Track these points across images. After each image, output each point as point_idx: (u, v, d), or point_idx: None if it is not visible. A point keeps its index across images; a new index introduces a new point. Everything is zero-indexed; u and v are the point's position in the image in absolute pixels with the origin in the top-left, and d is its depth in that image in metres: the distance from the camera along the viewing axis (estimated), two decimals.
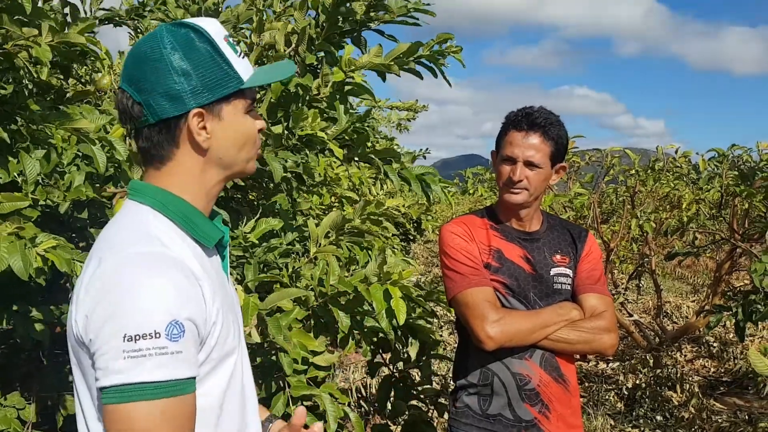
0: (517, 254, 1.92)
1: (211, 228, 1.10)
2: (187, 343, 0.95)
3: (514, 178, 1.86)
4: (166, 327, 0.93)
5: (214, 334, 1.03)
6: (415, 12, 2.14)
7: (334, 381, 4.83)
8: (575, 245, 1.99)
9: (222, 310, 1.05)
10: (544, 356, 1.87)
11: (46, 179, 1.84)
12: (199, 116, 1.05)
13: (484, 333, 1.78)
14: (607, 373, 5.74)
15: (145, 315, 0.92)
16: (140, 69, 1.04)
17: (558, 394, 1.88)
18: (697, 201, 5.84)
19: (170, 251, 1.00)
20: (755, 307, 3.00)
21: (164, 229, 1.04)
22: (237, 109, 1.08)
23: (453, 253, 1.89)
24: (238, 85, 1.07)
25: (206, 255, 1.09)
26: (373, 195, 4.79)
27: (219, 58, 1.05)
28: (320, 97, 1.99)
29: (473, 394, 1.91)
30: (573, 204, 5.91)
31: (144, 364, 0.92)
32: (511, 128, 1.89)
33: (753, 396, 5.12)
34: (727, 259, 5.64)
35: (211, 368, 1.04)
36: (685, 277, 10.47)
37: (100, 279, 0.97)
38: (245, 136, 1.10)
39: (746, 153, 4.88)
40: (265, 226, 2.00)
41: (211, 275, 1.06)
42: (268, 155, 1.90)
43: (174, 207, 1.06)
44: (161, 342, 0.92)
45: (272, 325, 1.62)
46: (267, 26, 2.03)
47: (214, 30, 1.07)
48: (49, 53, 1.73)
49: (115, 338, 0.92)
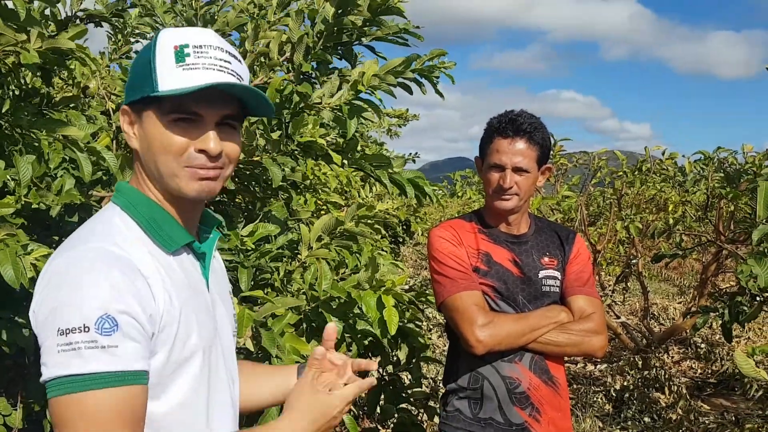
0: (506, 257, 1.93)
1: (177, 233, 1.09)
2: (124, 337, 0.95)
3: (505, 185, 1.87)
4: (96, 321, 0.94)
5: (170, 334, 1.02)
6: (405, 33, 2.16)
7: None
8: (563, 247, 1.99)
9: (183, 311, 1.04)
10: (534, 359, 1.88)
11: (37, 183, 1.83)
12: (124, 113, 1.09)
13: (474, 337, 1.79)
14: (595, 375, 5.77)
15: (75, 309, 0.94)
16: None
17: (548, 396, 1.89)
18: (683, 203, 5.89)
19: (117, 249, 1.00)
20: (741, 309, 3.03)
21: (124, 228, 1.06)
22: (152, 117, 1.05)
23: (441, 257, 1.90)
24: (149, 92, 1.03)
25: (172, 257, 1.08)
26: (362, 198, 4.79)
27: (151, 63, 1.04)
28: (322, 107, 1.99)
29: (464, 398, 1.92)
30: (561, 206, 5.95)
31: (76, 357, 0.93)
32: (497, 135, 1.89)
33: (740, 397, 5.17)
34: (713, 260, 5.69)
35: (171, 372, 1.03)
36: (672, 279, 10.55)
37: (47, 275, 0.99)
38: (160, 146, 1.04)
39: (731, 155, 4.93)
40: (262, 231, 1.99)
41: (173, 275, 1.06)
42: (266, 160, 1.90)
43: (142, 208, 1.08)
44: (91, 335, 0.93)
45: (266, 338, 1.62)
46: (261, 35, 2.03)
47: (171, 37, 1.05)
48: (37, 59, 1.72)
49: (51, 332, 0.94)
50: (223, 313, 1.20)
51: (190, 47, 1.05)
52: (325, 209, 3.60)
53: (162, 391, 1.03)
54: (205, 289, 1.14)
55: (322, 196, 3.55)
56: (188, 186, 1.07)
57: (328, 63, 2.15)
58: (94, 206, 2.05)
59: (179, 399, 1.05)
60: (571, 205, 5.95)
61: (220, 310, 1.18)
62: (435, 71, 2.12)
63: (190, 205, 1.12)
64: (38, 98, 2.11)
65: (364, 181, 5.02)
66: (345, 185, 4.51)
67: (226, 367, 1.16)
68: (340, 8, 2.03)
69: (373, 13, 2.03)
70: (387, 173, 2.24)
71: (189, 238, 1.11)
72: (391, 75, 2.02)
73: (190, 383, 1.06)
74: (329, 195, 3.68)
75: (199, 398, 1.08)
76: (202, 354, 1.08)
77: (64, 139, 1.78)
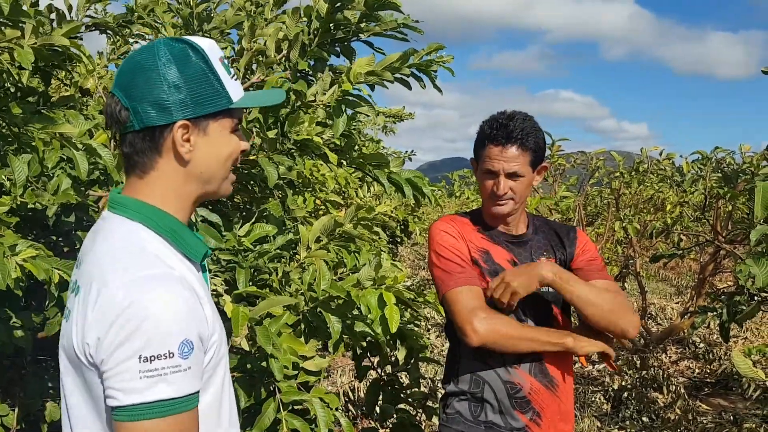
0: (504, 258, 1.92)
1: (198, 242, 1.13)
2: (196, 358, 1.01)
3: (498, 192, 1.86)
4: (179, 346, 0.98)
5: (213, 345, 1.08)
6: (403, 28, 2.15)
7: (322, 385, 4.81)
8: (564, 246, 1.98)
9: (218, 321, 1.10)
10: (534, 363, 1.87)
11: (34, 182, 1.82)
12: (184, 128, 1.08)
13: (471, 326, 1.76)
14: (593, 374, 5.77)
15: (160, 336, 0.97)
16: (133, 77, 1.08)
17: (549, 401, 1.88)
18: (681, 203, 5.90)
19: (174, 271, 1.04)
20: (739, 308, 3.03)
21: (159, 246, 1.07)
22: (223, 126, 1.12)
23: (443, 251, 1.88)
24: (227, 104, 1.11)
25: (195, 268, 1.13)
26: (360, 198, 4.78)
27: (212, 75, 1.09)
28: (316, 104, 1.98)
29: (464, 400, 1.91)
30: (559, 206, 5.95)
31: (160, 383, 0.97)
32: (488, 142, 1.87)
33: (738, 397, 5.17)
34: (710, 260, 5.70)
35: (209, 377, 1.09)
36: (670, 279, 10.56)
37: (111, 301, 0.99)
38: (227, 153, 1.13)
39: (729, 155, 4.93)
40: (259, 231, 1.98)
41: (203, 287, 1.11)
42: (262, 159, 1.89)
43: (163, 222, 1.09)
44: (175, 361, 0.98)
45: (261, 335, 1.61)
46: (258, 32, 2.02)
47: (210, 49, 1.11)
48: (32, 56, 1.71)
49: (131, 359, 0.96)
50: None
51: (224, 58, 1.14)
52: (324, 209, 3.59)
53: (204, 393, 1.08)
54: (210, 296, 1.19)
55: (320, 195, 3.55)
56: (229, 188, 1.17)
57: (325, 60, 2.14)
58: (90, 206, 2.05)
59: (209, 400, 1.11)
60: (569, 205, 5.95)
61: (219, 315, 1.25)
62: (433, 66, 2.11)
63: (190, 215, 1.17)
64: (36, 97, 2.10)
65: (362, 181, 5.02)
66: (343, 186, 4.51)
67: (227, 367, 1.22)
68: (335, 4, 2.02)
69: (369, 8, 2.02)
70: (385, 173, 2.24)
71: (206, 247, 1.15)
72: (388, 71, 2.01)
73: (219, 384, 1.13)
74: (327, 194, 3.67)
75: (223, 398, 1.15)
76: (224, 358, 1.15)
77: (60, 137, 1.77)
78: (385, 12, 2.11)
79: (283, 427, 1.73)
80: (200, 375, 1.04)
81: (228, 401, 1.18)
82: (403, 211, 6.77)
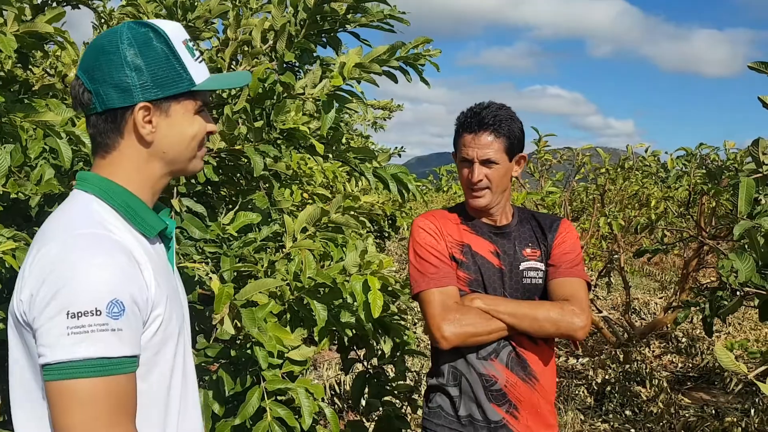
0: (487, 249, 1.92)
1: (154, 219, 1.14)
2: (128, 321, 0.99)
3: (473, 179, 1.87)
4: (107, 305, 0.97)
5: (157, 318, 1.07)
6: (390, 19, 2.15)
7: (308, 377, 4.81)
8: (546, 237, 1.97)
9: (168, 295, 1.10)
10: (510, 356, 1.87)
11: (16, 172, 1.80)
12: (146, 110, 1.11)
13: (439, 333, 1.79)
14: (577, 368, 5.82)
15: (87, 293, 0.96)
16: (96, 59, 1.10)
17: (526, 394, 1.88)
18: (665, 199, 5.95)
19: (113, 235, 1.05)
20: (722, 303, 3.06)
21: (108, 217, 1.09)
22: (186, 108, 1.14)
23: (420, 250, 1.90)
24: (189, 87, 1.13)
25: (149, 244, 1.13)
26: (347, 192, 4.77)
27: (173, 58, 1.12)
28: (306, 97, 1.98)
29: (445, 395, 1.92)
30: (545, 202, 5.97)
31: (86, 340, 0.95)
32: (463, 131, 1.90)
33: (719, 391, 5.24)
34: (694, 256, 5.75)
35: (154, 353, 1.08)
36: (653, 274, 10.65)
37: (45, 258, 1.00)
38: (190, 134, 1.15)
39: (713, 152, 4.97)
40: (243, 219, 1.98)
41: (155, 261, 1.11)
42: (248, 149, 1.88)
43: (117, 197, 1.11)
44: (102, 319, 0.96)
45: (246, 317, 1.61)
46: (243, 22, 2.01)
47: (173, 33, 1.13)
48: (14, 43, 1.69)
49: (59, 315, 0.96)
50: (185, 298, 1.26)
51: (188, 41, 1.16)
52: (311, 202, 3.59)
53: (149, 371, 1.07)
54: (172, 274, 1.20)
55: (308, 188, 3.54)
56: (198, 165, 1.20)
57: (312, 52, 2.13)
58: None
59: (153, 383, 1.09)
60: (555, 200, 5.97)
61: (183, 294, 1.25)
62: (420, 59, 2.11)
63: (158, 193, 1.19)
64: (17, 85, 2.07)
65: (350, 175, 5.01)
66: (331, 180, 4.49)
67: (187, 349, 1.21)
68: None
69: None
70: (370, 167, 2.23)
71: (163, 224, 1.16)
72: (375, 63, 2.01)
73: (168, 369, 1.11)
74: (315, 188, 3.66)
75: (172, 386, 1.13)
76: (177, 337, 1.14)
77: (43, 126, 1.75)
78: (372, 3, 2.11)
79: (268, 416, 1.72)
80: (136, 342, 1.02)
81: (180, 393, 1.15)
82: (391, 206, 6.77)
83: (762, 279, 2.40)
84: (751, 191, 2.23)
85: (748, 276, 2.45)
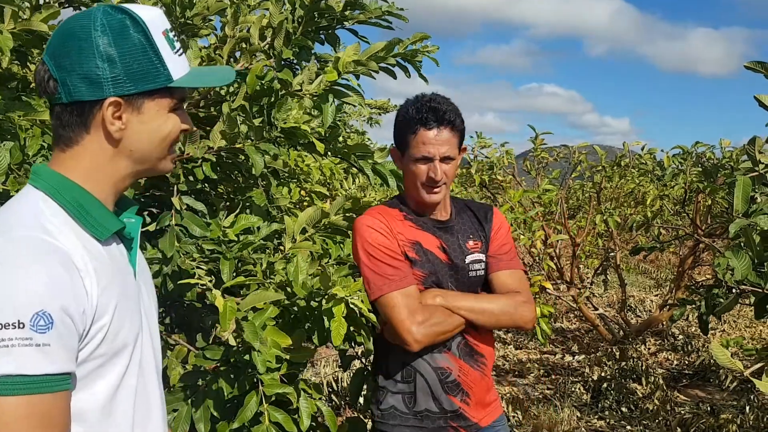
0: (435, 244, 1.92)
1: (108, 219, 1.04)
2: (58, 335, 0.90)
3: (436, 177, 1.83)
4: (32, 317, 0.88)
5: (101, 329, 0.97)
6: (388, 15, 2.15)
7: (305, 375, 4.81)
8: (483, 227, 1.99)
9: (117, 304, 1.00)
10: (460, 345, 1.90)
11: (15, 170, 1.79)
12: (116, 105, 1.01)
13: (411, 336, 1.78)
14: (573, 365, 5.83)
15: (10, 303, 0.87)
16: (65, 45, 1.00)
17: (476, 379, 1.92)
18: (661, 197, 5.96)
19: (49, 238, 0.95)
20: (718, 301, 3.07)
21: (51, 215, 0.99)
22: (160, 105, 1.05)
23: (373, 250, 1.84)
24: (165, 82, 1.04)
25: (102, 245, 1.03)
26: (345, 189, 4.77)
27: (151, 50, 1.02)
28: (302, 93, 1.97)
29: (397, 393, 1.91)
30: (541, 200, 5.99)
31: (7, 355, 0.86)
32: (421, 127, 1.82)
33: (715, 388, 5.26)
34: (690, 254, 5.77)
35: (98, 365, 0.98)
36: (649, 272, 10.69)
37: None
38: (163, 134, 1.06)
39: (709, 150, 4.99)
40: (244, 222, 1.97)
41: (105, 266, 1.01)
42: (248, 147, 1.87)
43: (68, 194, 1.01)
44: (25, 332, 0.87)
45: (249, 331, 1.60)
46: (241, 19, 2.00)
47: (153, 21, 1.03)
48: (11, 41, 1.68)
49: None
50: (149, 302, 1.16)
51: (169, 31, 1.06)
52: (309, 200, 3.58)
53: (92, 383, 0.98)
54: (132, 278, 1.10)
55: (305, 186, 3.53)
56: (168, 166, 1.10)
57: (310, 49, 2.13)
58: None
59: (108, 392, 1.00)
60: (551, 198, 5.98)
61: (146, 298, 1.15)
62: (418, 56, 2.11)
63: (120, 192, 1.09)
64: (15, 83, 2.06)
65: (347, 172, 5.01)
66: (328, 177, 4.49)
67: (154, 357, 1.13)
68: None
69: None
70: (369, 163, 2.23)
71: (119, 225, 1.06)
72: (373, 60, 2.01)
73: (120, 376, 1.02)
74: (312, 185, 3.66)
75: (117, 401, 1.03)
76: (132, 346, 1.04)
77: (42, 124, 1.74)
78: (370, 0, 2.11)
79: (265, 420, 1.73)
80: (68, 357, 0.92)
81: (134, 404, 1.05)
82: None
83: (758, 277, 2.41)
84: (748, 189, 2.24)
85: (744, 274, 2.46)
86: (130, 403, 1.04)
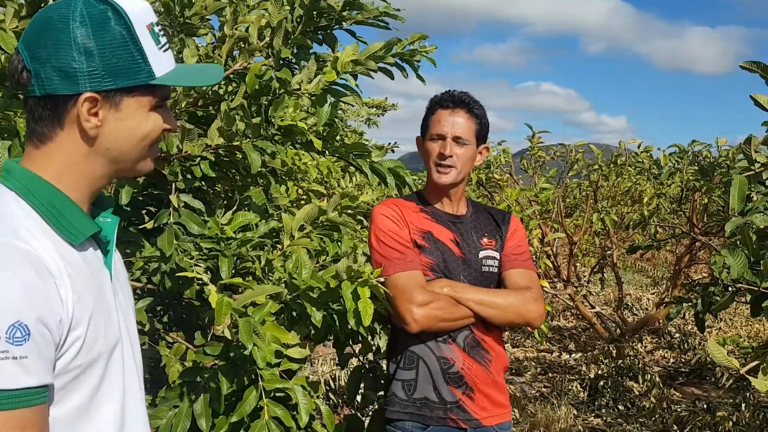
0: (447, 237, 1.96)
1: (83, 222, 0.98)
2: (35, 347, 0.85)
3: (445, 152, 1.91)
4: (8, 329, 0.83)
5: (77, 339, 0.92)
6: (385, 16, 2.17)
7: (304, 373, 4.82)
8: (500, 228, 2.04)
9: (92, 313, 0.95)
10: (467, 339, 1.91)
11: None
12: (92, 101, 0.95)
13: (410, 316, 1.82)
14: (570, 363, 5.85)
15: None
16: (41, 35, 0.95)
17: (481, 375, 1.92)
18: (658, 195, 5.98)
19: (22, 243, 0.89)
20: (714, 299, 3.08)
21: (23, 218, 0.93)
22: (140, 103, 0.99)
23: (383, 236, 1.91)
24: (146, 80, 0.98)
25: (76, 250, 0.97)
26: (342, 188, 4.78)
27: (132, 45, 0.96)
28: (301, 93, 1.98)
29: (398, 380, 1.94)
30: (538, 198, 6.00)
31: None
32: (438, 107, 1.95)
33: (711, 386, 5.28)
34: (686, 252, 5.79)
35: (74, 377, 0.94)
36: (646, 270, 10.72)
37: None
38: (142, 133, 1.00)
39: (706, 149, 5.01)
40: (241, 219, 1.98)
41: (81, 272, 0.96)
42: (246, 145, 1.88)
43: (41, 195, 0.96)
44: (1, 345, 0.82)
45: (243, 329, 1.60)
46: (240, 19, 2.01)
47: (137, 14, 0.97)
48: (14, 40, 1.68)
49: None
50: (126, 304, 1.11)
51: (154, 25, 1.00)
52: (306, 198, 3.59)
53: (67, 395, 0.93)
54: (108, 281, 1.05)
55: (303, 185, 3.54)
56: (148, 166, 1.05)
57: (308, 48, 2.14)
58: None
59: (84, 401, 0.96)
60: (548, 196, 6.00)
61: (122, 300, 1.10)
62: (416, 56, 2.13)
63: (97, 192, 1.04)
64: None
65: (344, 171, 5.02)
66: (325, 175, 4.50)
67: (134, 360, 1.09)
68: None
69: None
70: (367, 162, 2.24)
71: (94, 228, 1.01)
72: (371, 60, 2.02)
73: (96, 385, 0.97)
74: (310, 184, 3.67)
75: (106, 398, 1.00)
76: (108, 354, 0.99)
77: None
78: (367, 0, 2.12)
79: (265, 414, 1.73)
80: (46, 369, 0.87)
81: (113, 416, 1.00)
82: None
83: (753, 275, 2.42)
84: (744, 188, 2.26)
85: (740, 272, 2.47)
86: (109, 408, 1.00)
